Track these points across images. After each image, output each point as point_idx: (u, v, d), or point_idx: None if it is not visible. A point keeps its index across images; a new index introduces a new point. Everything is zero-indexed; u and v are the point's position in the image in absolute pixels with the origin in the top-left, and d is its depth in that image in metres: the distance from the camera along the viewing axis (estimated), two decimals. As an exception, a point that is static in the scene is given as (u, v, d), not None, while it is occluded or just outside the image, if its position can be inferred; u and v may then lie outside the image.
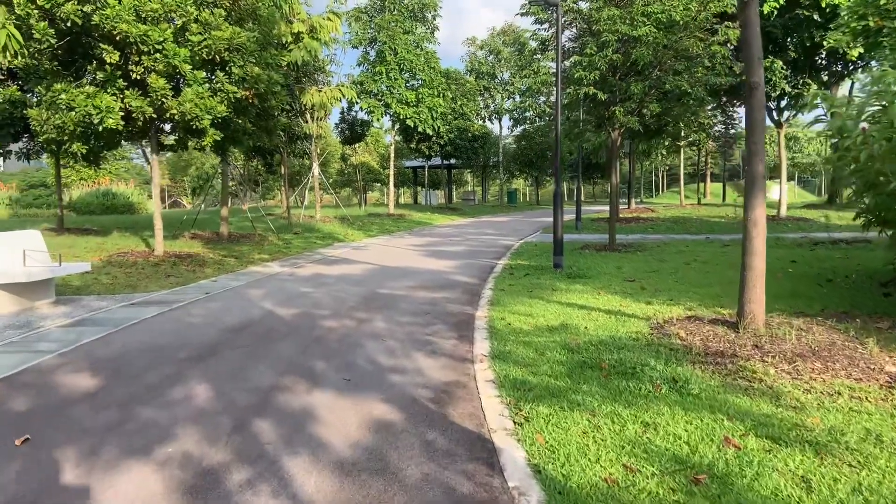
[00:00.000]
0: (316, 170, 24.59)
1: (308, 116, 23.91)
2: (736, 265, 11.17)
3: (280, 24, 15.00)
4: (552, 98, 41.93)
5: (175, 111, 12.02)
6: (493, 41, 38.43)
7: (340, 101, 19.12)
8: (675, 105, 13.89)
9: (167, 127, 14.57)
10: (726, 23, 13.80)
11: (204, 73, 12.34)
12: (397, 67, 27.10)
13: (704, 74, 13.38)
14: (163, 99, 11.92)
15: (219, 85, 12.52)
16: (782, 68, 19.17)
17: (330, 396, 5.08)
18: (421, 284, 10.70)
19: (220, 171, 18.30)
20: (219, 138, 12.81)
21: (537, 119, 42.06)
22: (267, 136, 15.56)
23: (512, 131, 42.82)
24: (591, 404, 4.61)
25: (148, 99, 12.09)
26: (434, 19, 29.37)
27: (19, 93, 15.90)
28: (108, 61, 11.77)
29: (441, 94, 28.72)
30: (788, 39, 20.31)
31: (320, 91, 18.65)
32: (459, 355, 6.21)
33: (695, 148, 37.03)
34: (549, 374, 5.36)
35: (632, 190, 26.71)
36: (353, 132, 32.84)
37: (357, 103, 27.24)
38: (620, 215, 25.47)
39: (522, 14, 14.48)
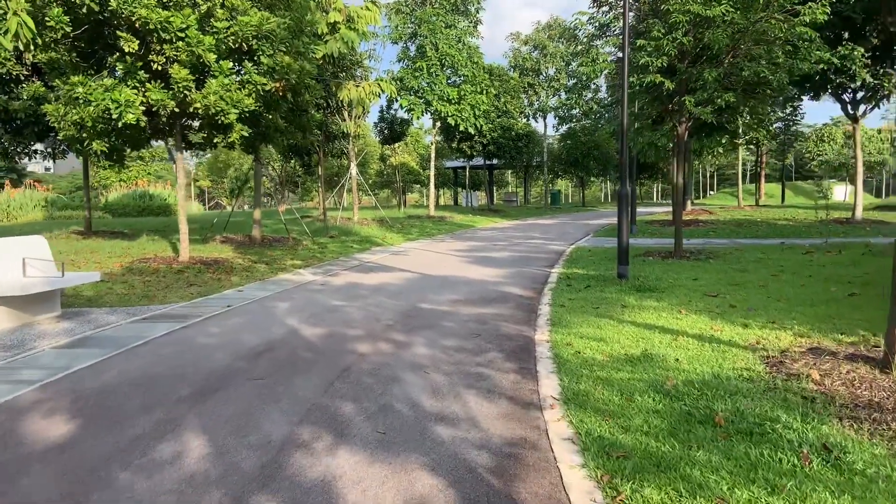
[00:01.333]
0: (354, 170, 23.57)
1: (346, 114, 22.90)
2: (835, 278, 9.70)
3: (314, 11, 13.94)
4: (600, 94, 40.27)
5: (199, 104, 11.02)
6: (538, 36, 37.02)
7: (379, 96, 18.05)
8: (751, 95, 12.34)
9: (196, 124, 13.65)
10: (809, 3, 12.19)
11: (230, 64, 11.31)
12: (438, 63, 25.92)
13: (787, 60, 11.82)
14: (185, 91, 10.92)
15: (246, 76, 11.49)
16: (863, 56, 17.35)
17: (359, 459, 3.86)
18: (467, 298, 9.45)
19: (254, 171, 17.37)
20: (247, 134, 11.78)
21: (583, 117, 40.54)
22: (301, 133, 14.51)
23: (557, 130, 41.33)
24: (717, 486, 3.30)
25: (170, 92, 11.11)
26: (477, 12, 28.11)
27: (43, 88, 15.17)
28: (128, 51, 10.84)
29: (484, 91, 27.44)
30: (867, 26, 18.46)
31: (358, 86, 17.57)
32: (523, 397, 4.93)
33: (751, 147, 34.84)
34: (646, 431, 4.05)
35: (688, 191, 24.91)
36: (393, 131, 31.78)
37: (397, 100, 26.14)
38: (673, 218, 23.81)
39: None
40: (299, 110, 14.05)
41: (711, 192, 73.78)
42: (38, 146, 16.70)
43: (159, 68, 11.12)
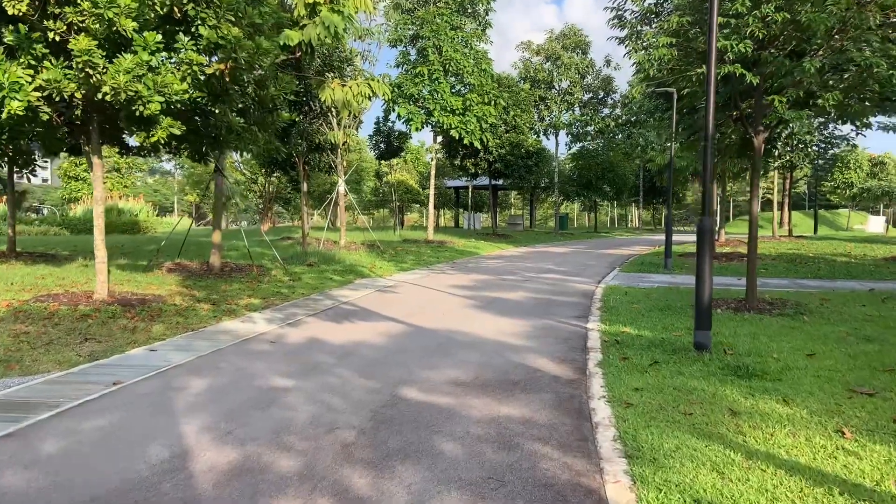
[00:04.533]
0: (341, 186, 20.49)
1: (333, 121, 19.89)
2: None
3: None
4: (617, 110, 37.16)
5: (107, 88, 7.93)
6: (552, 45, 34.13)
7: (370, 99, 14.95)
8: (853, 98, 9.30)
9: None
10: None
11: (157, 36, 8.25)
12: (441, 69, 22.94)
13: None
14: (88, 70, 7.84)
15: (182, 55, 8.44)
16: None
17: None
18: (477, 377, 6.30)
19: (215, 184, 14.27)
20: (178, 132, 8.68)
21: (599, 135, 37.58)
22: (266, 137, 11.43)
23: (570, 148, 38.27)
24: None
25: (71, 71, 8.06)
26: (486, 13, 25.18)
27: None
28: (12, 13, 7.81)
29: (492, 102, 24.43)
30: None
31: (344, 85, 14.51)
32: None
33: (784, 171, 31.66)
34: None
35: (722, 219, 21.77)
36: (389, 145, 28.78)
37: (394, 107, 23.08)
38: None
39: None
40: (263, 107, 11.00)
41: (727, 221, 70.80)
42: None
43: (58, 38, 8.08)
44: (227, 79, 8.85)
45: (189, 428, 4.84)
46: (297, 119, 19.02)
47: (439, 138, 26.27)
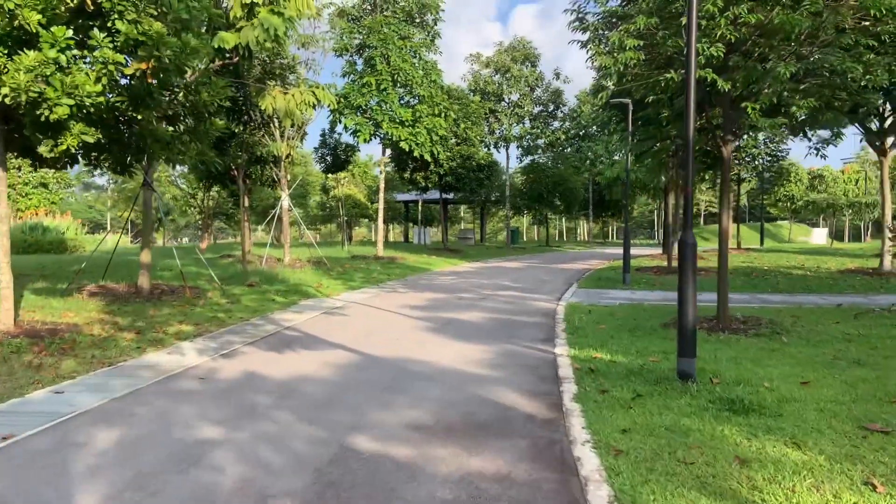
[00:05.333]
0: (285, 201, 19.40)
1: (276, 132, 18.83)
2: None
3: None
4: (566, 123, 36.95)
5: (6, 89, 6.85)
6: (501, 58, 33.75)
7: (314, 108, 14.04)
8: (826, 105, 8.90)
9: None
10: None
11: (68, 31, 7.21)
12: (390, 79, 22.14)
13: (877, 57, 8.42)
14: (-20, 66, 6.75)
15: (98, 53, 7.41)
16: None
17: None
18: (439, 420, 5.46)
19: (144, 199, 13.04)
20: (91, 140, 7.62)
21: (549, 148, 37.37)
22: (196, 147, 10.39)
23: (521, 161, 37.86)
24: None
25: (-39, 68, 6.94)
26: (435, 23, 24.53)
27: None
28: None
29: (442, 114, 23.74)
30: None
31: (286, 93, 13.57)
32: None
33: (732, 184, 31.93)
34: None
35: (673, 232, 21.46)
36: (336, 158, 27.74)
37: (340, 118, 22.06)
38: (667, 264, 20.46)
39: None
40: (195, 114, 9.98)
41: (677, 234, 71.78)
42: None
43: (-55, 31, 6.96)
44: (151, 80, 7.83)
45: (85, 501, 3.86)
46: (236, 130, 17.91)
47: (388, 151, 25.44)
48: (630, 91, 11.09)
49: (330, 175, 32.16)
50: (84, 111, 7.50)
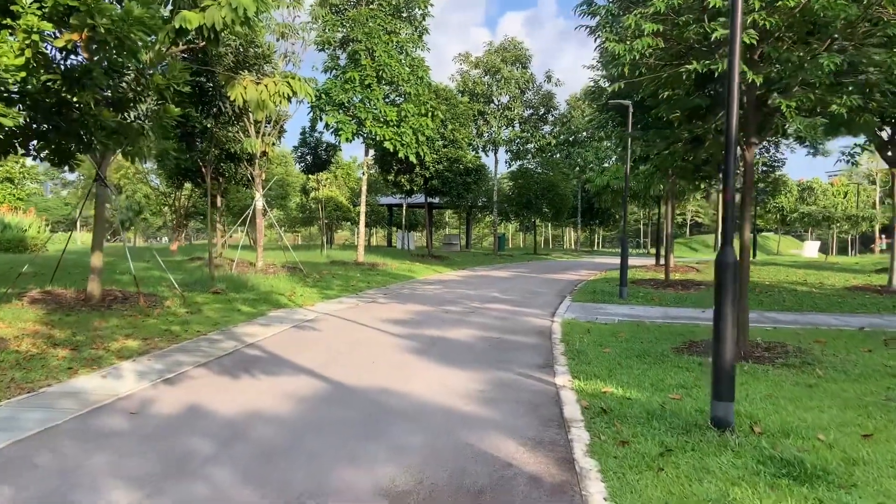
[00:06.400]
0: (259, 202, 18.11)
1: (250, 128, 17.56)
2: None
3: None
4: (556, 128, 35.83)
5: None
6: (491, 59, 32.69)
7: (289, 99, 12.82)
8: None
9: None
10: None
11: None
12: (375, 75, 20.94)
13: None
14: None
15: (21, 19, 6.17)
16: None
17: None
18: (421, 481, 4.30)
19: (95, 197, 11.72)
20: (12, 124, 6.38)
21: (539, 152, 36.32)
22: (150, 136, 9.14)
23: (509, 166, 36.81)
24: None
25: None
26: (423, 18, 23.38)
27: None
28: None
29: (430, 114, 22.57)
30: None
31: (258, 83, 12.34)
32: None
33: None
34: None
35: (670, 243, 20.47)
36: (317, 158, 26.50)
37: (321, 115, 20.81)
38: (665, 277, 19.43)
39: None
40: (146, 99, 8.74)
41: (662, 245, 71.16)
42: None
43: None
44: (86, 55, 6.60)
45: None
46: (207, 124, 16.63)
47: (371, 151, 24.22)
48: (636, 87, 9.98)
49: (311, 176, 30.83)
50: (3, 88, 6.26)
